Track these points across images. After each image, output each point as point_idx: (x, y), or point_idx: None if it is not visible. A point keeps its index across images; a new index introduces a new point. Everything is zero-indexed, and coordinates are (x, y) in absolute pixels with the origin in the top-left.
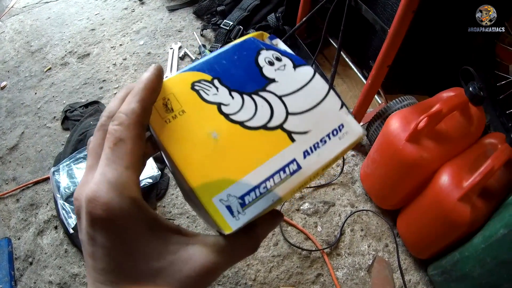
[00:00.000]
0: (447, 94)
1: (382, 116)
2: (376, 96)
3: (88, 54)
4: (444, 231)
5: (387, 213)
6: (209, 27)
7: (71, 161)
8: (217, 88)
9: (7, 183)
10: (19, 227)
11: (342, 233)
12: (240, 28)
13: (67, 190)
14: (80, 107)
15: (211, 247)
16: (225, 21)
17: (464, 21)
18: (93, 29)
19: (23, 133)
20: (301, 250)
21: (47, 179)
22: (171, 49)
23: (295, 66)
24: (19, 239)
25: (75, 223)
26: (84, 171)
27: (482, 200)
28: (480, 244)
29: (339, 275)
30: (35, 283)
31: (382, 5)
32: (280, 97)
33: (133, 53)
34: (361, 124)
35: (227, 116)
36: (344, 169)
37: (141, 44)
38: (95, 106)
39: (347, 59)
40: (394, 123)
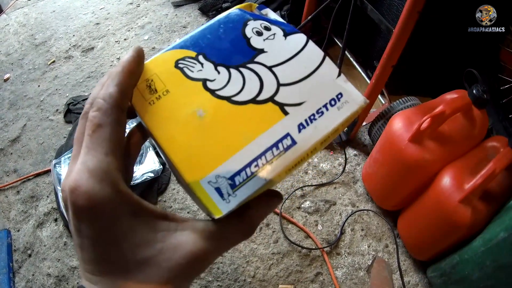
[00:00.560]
0: (451, 96)
1: (385, 116)
2: (379, 97)
3: (93, 48)
4: (445, 232)
5: (388, 214)
6: None
7: None
8: (202, 64)
9: (8, 175)
10: (19, 219)
11: (342, 232)
12: None
13: None
14: (83, 100)
15: (200, 232)
16: None
17: (466, 22)
18: (98, 23)
19: (25, 125)
20: (301, 248)
21: (48, 171)
22: None
23: (286, 35)
24: (18, 231)
25: None
26: None
27: (483, 203)
28: (480, 247)
29: (338, 274)
30: (33, 275)
31: (387, 5)
32: (270, 68)
33: None
34: (364, 124)
35: (213, 92)
36: (346, 168)
37: (145, 39)
38: None
39: (351, 59)
40: (397, 123)
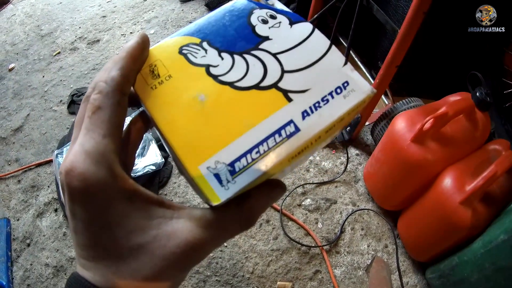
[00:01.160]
0: (454, 97)
1: (388, 116)
2: (383, 97)
3: (98, 41)
4: (444, 234)
5: (388, 214)
6: None
7: None
8: (205, 50)
9: (9, 164)
10: (19, 208)
11: (342, 231)
12: None
13: None
14: None
15: (197, 221)
16: None
17: (466, 22)
18: (104, 16)
19: (28, 115)
20: (300, 246)
21: (50, 161)
22: None
23: (292, 23)
24: (18, 220)
25: None
26: None
27: (483, 205)
28: (480, 249)
29: (337, 273)
30: (31, 264)
31: (393, 6)
32: (274, 55)
33: None
34: (367, 123)
35: (215, 78)
36: (348, 167)
37: (151, 33)
38: None
39: (356, 59)
40: (400, 123)
